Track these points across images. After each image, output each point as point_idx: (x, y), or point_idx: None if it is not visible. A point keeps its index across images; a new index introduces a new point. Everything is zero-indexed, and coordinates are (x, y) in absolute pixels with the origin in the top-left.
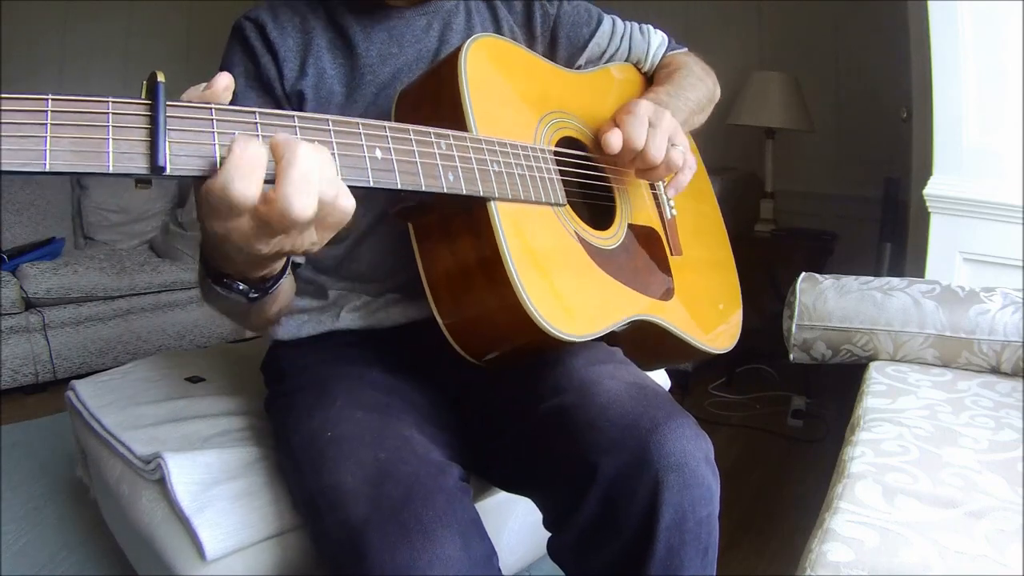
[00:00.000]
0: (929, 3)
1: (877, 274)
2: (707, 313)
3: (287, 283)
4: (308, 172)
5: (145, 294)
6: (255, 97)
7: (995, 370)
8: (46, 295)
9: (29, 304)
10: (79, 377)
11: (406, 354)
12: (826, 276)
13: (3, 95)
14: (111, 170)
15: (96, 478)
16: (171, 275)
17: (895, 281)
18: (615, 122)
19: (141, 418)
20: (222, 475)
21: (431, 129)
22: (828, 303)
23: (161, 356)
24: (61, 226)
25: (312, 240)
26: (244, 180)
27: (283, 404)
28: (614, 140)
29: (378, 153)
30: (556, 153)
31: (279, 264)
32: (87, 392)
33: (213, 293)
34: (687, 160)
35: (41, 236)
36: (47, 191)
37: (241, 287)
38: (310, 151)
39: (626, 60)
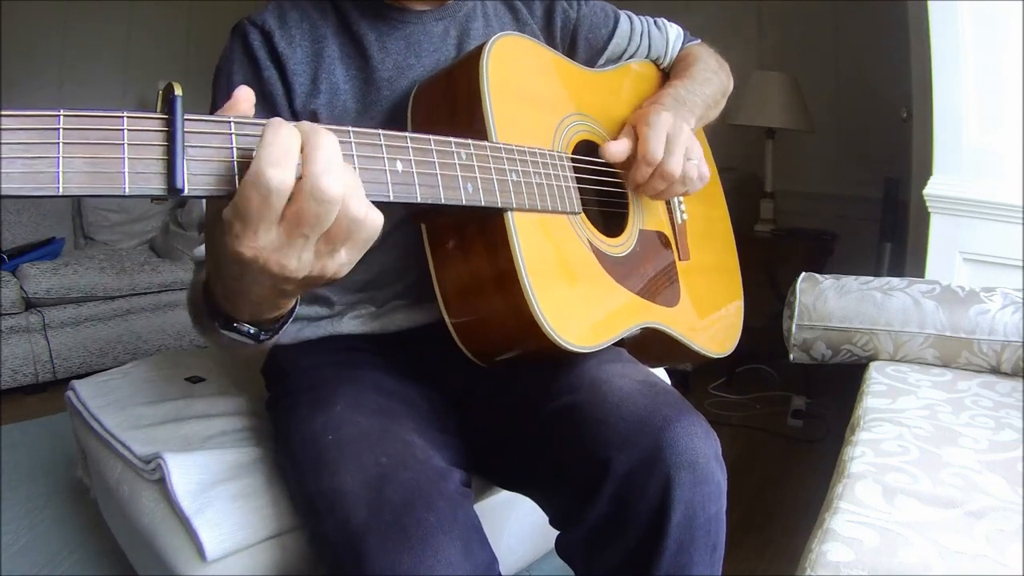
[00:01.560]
0: (929, 3)
1: (877, 274)
2: (710, 318)
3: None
4: (334, 154)
5: (145, 294)
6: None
7: (995, 370)
8: (46, 295)
9: (29, 304)
10: (79, 377)
11: (410, 357)
12: (826, 276)
13: (12, 112)
14: (127, 192)
15: (96, 478)
16: (171, 275)
17: (895, 281)
18: (633, 129)
19: (141, 418)
20: (222, 475)
21: (451, 139)
22: (828, 303)
23: (161, 356)
24: (61, 226)
25: (341, 261)
26: (277, 167)
27: (285, 405)
28: (617, 149)
29: (399, 166)
30: (573, 159)
31: (291, 303)
32: (87, 392)
33: (215, 333)
34: (702, 172)
35: (41, 236)
36: None
37: (251, 331)
38: (334, 137)
39: (646, 57)
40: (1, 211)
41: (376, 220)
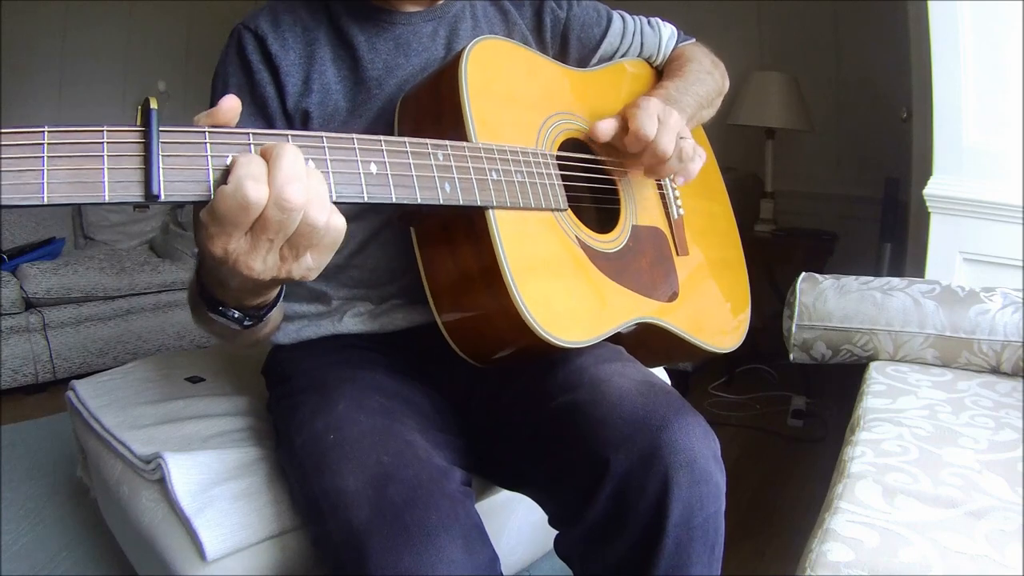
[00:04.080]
0: (929, 3)
1: (877, 274)
2: (712, 313)
3: (277, 310)
4: (295, 162)
5: (145, 294)
6: (246, 113)
7: (995, 370)
8: (46, 295)
9: (29, 304)
10: (79, 377)
11: (410, 357)
12: (826, 276)
13: (2, 130)
14: (107, 199)
15: (96, 478)
16: (171, 275)
17: (895, 281)
18: (622, 117)
19: (141, 418)
20: (222, 475)
21: (428, 140)
22: (828, 303)
23: (161, 356)
24: (61, 226)
25: (308, 265)
26: (257, 181)
27: (286, 406)
28: (604, 127)
29: (373, 168)
30: (558, 157)
31: (273, 293)
32: (87, 392)
33: (206, 317)
34: (697, 150)
35: (41, 236)
36: None
37: (236, 315)
38: (294, 148)
39: (639, 56)
40: (1, 211)
41: (338, 225)
